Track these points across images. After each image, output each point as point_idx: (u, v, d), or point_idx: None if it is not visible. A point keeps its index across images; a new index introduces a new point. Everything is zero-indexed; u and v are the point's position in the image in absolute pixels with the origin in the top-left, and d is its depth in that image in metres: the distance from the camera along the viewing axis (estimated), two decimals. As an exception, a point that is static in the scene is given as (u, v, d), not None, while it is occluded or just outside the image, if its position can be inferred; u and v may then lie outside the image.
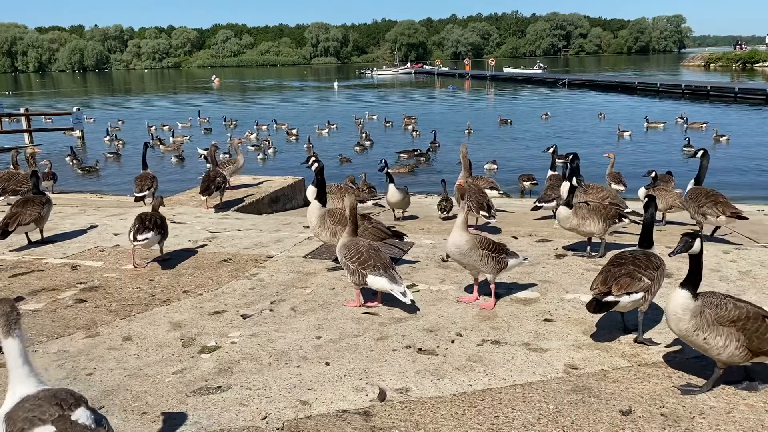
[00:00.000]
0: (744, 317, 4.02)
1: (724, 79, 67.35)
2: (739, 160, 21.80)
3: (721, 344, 4.02)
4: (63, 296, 6.27)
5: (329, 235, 6.83)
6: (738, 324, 4.01)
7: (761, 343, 3.99)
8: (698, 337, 4.07)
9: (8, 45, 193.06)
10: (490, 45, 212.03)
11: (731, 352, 4.02)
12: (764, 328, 4.01)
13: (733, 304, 4.08)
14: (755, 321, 4.01)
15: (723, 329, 4.01)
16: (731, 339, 4.00)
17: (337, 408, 4.06)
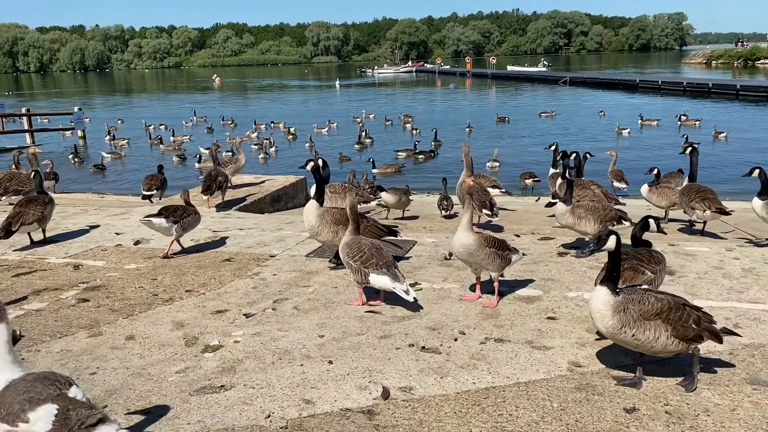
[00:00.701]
0: (667, 308, 4.09)
1: (725, 76, 67.25)
2: (738, 157, 21.77)
3: (651, 338, 4.08)
4: (66, 296, 6.27)
5: (331, 235, 6.81)
6: (662, 316, 4.08)
7: (686, 330, 4.09)
8: (626, 335, 4.11)
9: (9, 45, 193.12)
10: (491, 43, 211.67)
11: (663, 343, 4.09)
12: (686, 316, 4.11)
13: (655, 297, 4.15)
14: (677, 310, 4.11)
15: (649, 323, 4.07)
16: (660, 331, 4.06)
17: (340, 407, 4.06)
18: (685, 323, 4.10)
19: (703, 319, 4.18)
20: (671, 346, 4.12)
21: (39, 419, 2.81)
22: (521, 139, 28.64)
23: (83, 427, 2.78)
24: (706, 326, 4.16)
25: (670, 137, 26.60)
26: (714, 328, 4.19)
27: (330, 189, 9.32)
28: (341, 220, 6.74)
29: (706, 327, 4.15)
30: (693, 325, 4.11)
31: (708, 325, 4.17)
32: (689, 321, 4.11)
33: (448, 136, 28.13)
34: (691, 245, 7.81)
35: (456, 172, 10.86)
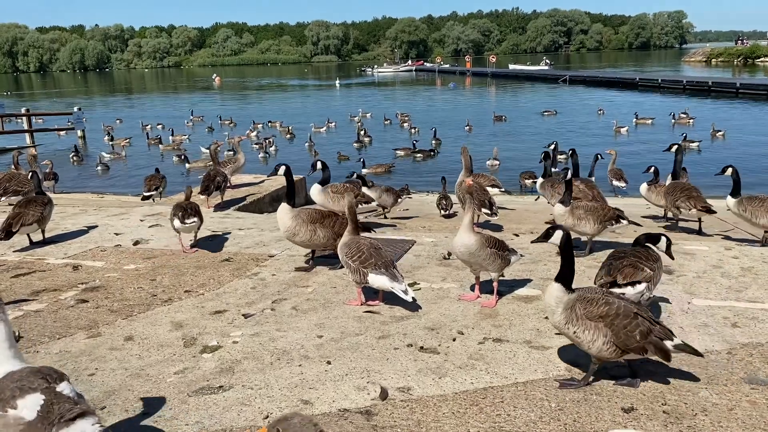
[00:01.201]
0: (613, 313, 4.07)
1: (725, 74, 67.22)
2: (736, 155, 21.77)
3: (589, 338, 4.09)
4: (65, 296, 6.27)
5: (309, 234, 6.74)
6: (606, 320, 4.06)
7: (628, 339, 4.03)
8: (569, 330, 4.18)
9: (9, 45, 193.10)
10: (491, 42, 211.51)
11: (599, 347, 4.09)
12: (633, 326, 4.04)
13: (605, 300, 4.14)
14: (625, 318, 4.06)
15: (591, 324, 4.09)
16: (598, 334, 4.06)
17: (338, 407, 4.06)
18: (630, 332, 4.03)
19: (656, 333, 4.07)
20: (605, 352, 4.09)
21: (26, 407, 2.91)
22: (521, 138, 28.63)
23: (63, 421, 2.88)
24: (653, 340, 4.04)
25: (665, 136, 26.64)
26: (661, 344, 4.05)
27: (331, 189, 9.31)
28: (317, 219, 6.74)
29: (653, 341, 4.04)
30: (637, 336, 4.03)
31: (655, 340, 4.05)
32: (635, 331, 4.03)
33: (448, 135, 28.12)
34: (690, 244, 7.81)
35: (455, 171, 10.86)
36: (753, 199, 8.02)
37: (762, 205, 7.90)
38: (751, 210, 7.96)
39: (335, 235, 6.71)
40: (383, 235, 8.64)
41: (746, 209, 8.01)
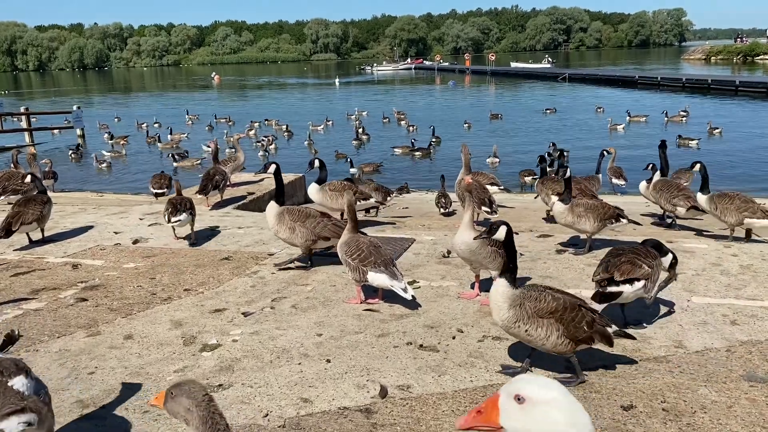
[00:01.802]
0: (561, 308, 4.15)
1: (725, 72, 67.19)
2: (733, 153, 21.80)
3: (542, 335, 4.14)
4: (64, 295, 6.28)
5: (287, 232, 6.80)
6: (556, 315, 4.13)
7: (577, 331, 4.13)
8: (520, 329, 4.20)
9: (8, 44, 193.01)
10: (491, 40, 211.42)
11: (554, 342, 4.15)
12: (580, 317, 4.15)
13: (552, 296, 4.22)
14: (572, 311, 4.15)
15: (543, 321, 4.14)
16: (551, 330, 4.12)
17: (338, 405, 4.07)
18: (578, 324, 4.13)
19: (598, 321, 4.21)
20: (561, 346, 4.17)
21: None
22: (520, 135, 28.65)
23: None
24: (598, 329, 4.19)
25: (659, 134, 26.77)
26: (606, 331, 4.21)
27: (329, 187, 9.30)
28: (299, 219, 6.77)
29: (597, 330, 4.18)
30: (585, 327, 4.15)
31: (600, 328, 4.19)
32: (582, 322, 4.14)
33: (447, 133, 28.11)
34: (689, 242, 7.81)
35: (454, 169, 10.85)
36: (723, 196, 8.08)
37: (732, 202, 7.96)
38: (720, 208, 8.02)
39: (315, 236, 6.75)
40: (382, 233, 8.64)
41: (716, 207, 8.07)
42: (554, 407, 1.66)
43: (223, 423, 2.56)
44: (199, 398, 2.57)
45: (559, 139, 22.90)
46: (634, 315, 5.36)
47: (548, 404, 1.66)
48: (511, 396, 1.69)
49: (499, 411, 1.72)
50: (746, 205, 7.85)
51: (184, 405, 2.58)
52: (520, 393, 1.67)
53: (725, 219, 8.04)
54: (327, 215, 7.02)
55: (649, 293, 5.06)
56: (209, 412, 2.54)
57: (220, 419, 2.55)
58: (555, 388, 1.69)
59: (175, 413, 2.63)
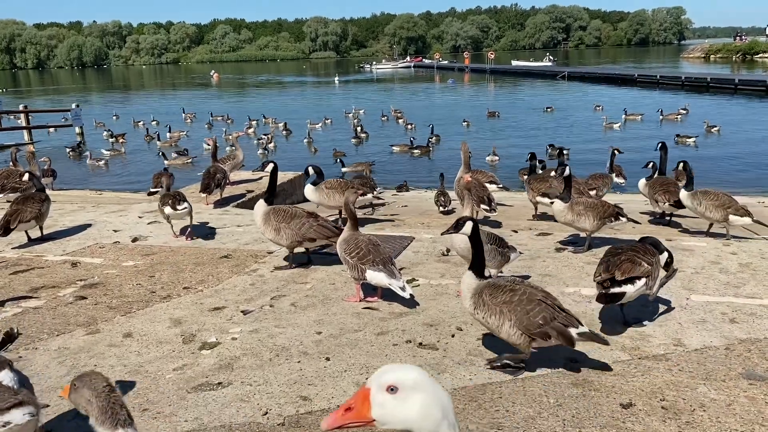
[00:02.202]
0: (517, 299, 4.23)
1: (724, 70, 67.18)
2: (731, 151, 21.82)
3: (496, 323, 4.28)
4: (63, 293, 6.27)
5: (273, 233, 6.79)
6: (510, 305, 4.23)
7: (530, 323, 4.18)
8: (478, 316, 4.38)
9: (6, 42, 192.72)
10: (490, 38, 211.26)
11: (507, 331, 4.26)
12: (536, 311, 4.20)
13: (510, 287, 4.32)
14: (528, 303, 4.22)
15: (496, 309, 4.26)
16: (504, 319, 4.23)
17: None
18: (532, 318, 4.19)
19: (560, 320, 4.20)
20: (514, 337, 4.26)
21: None
22: (518, 134, 28.66)
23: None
24: (556, 326, 4.18)
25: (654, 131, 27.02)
26: (565, 330, 4.17)
27: (325, 185, 9.29)
28: (285, 219, 6.73)
29: (555, 327, 4.17)
30: (539, 321, 4.18)
31: (558, 326, 4.18)
32: (537, 316, 4.19)
33: (446, 131, 28.10)
34: (689, 240, 7.82)
35: (453, 167, 10.85)
36: (707, 193, 8.21)
37: (717, 199, 8.11)
38: (705, 204, 8.16)
39: (301, 237, 6.71)
40: (382, 231, 8.65)
41: (701, 203, 8.21)
42: (423, 392, 1.70)
43: (124, 413, 2.58)
44: (100, 389, 2.58)
45: (556, 138, 22.94)
46: (633, 313, 5.36)
47: (418, 390, 1.70)
48: (383, 387, 1.70)
49: (370, 405, 1.72)
50: (730, 202, 7.99)
51: (85, 396, 2.60)
52: (394, 383, 1.69)
53: (709, 215, 8.16)
54: (314, 215, 6.93)
55: (651, 290, 5.07)
56: (109, 403, 2.56)
57: (121, 410, 2.57)
58: (420, 373, 1.73)
59: (78, 404, 2.65)
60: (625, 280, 4.90)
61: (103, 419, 2.54)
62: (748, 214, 7.98)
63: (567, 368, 4.47)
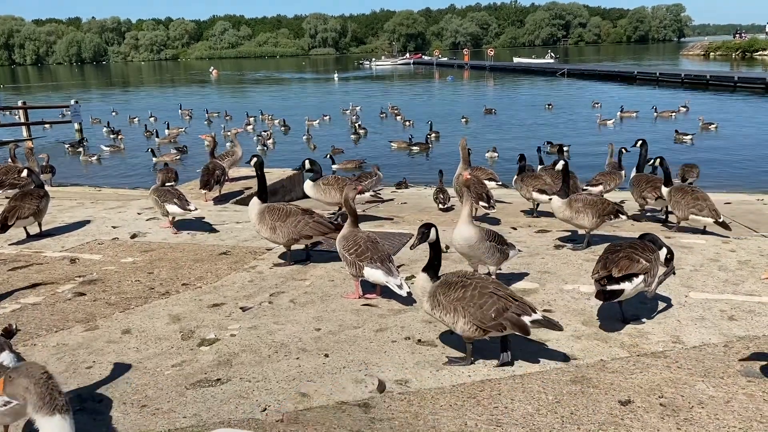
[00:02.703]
0: (469, 295, 4.33)
1: (723, 68, 67.17)
2: (728, 149, 21.87)
3: (451, 320, 4.38)
4: (62, 289, 6.27)
5: (269, 231, 6.76)
6: (463, 301, 4.33)
7: (484, 317, 4.27)
8: (436, 315, 4.49)
9: (5, 38, 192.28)
10: (489, 35, 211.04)
11: (462, 327, 4.35)
12: (489, 305, 4.29)
13: (462, 283, 4.41)
14: (480, 298, 4.32)
15: (450, 306, 4.36)
16: (458, 316, 4.33)
17: (336, 400, 4.07)
18: (485, 311, 4.27)
19: (513, 310, 4.28)
20: (469, 332, 4.34)
21: None
22: (516, 131, 28.71)
23: None
24: (510, 317, 4.26)
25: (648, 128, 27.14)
26: (519, 320, 4.25)
27: (322, 182, 9.28)
28: (280, 217, 6.70)
29: (509, 317, 4.26)
30: (492, 314, 4.26)
31: (512, 316, 4.25)
32: (490, 310, 4.27)
33: (445, 128, 28.11)
34: (687, 238, 7.82)
35: (452, 164, 10.84)
36: (678, 190, 8.39)
37: (693, 194, 8.26)
38: (674, 200, 8.32)
39: (297, 234, 6.69)
40: (381, 228, 8.64)
41: (672, 198, 8.38)
42: None
43: (63, 400, 2.58)
44: (37, 376, 2.60)
45: (553, 136, 22.97)
46: (632, 310, 5.37)
47: None
48: None
49: None
50: (695, 202, 8.09)
51: (22, 385, 2.60)
52: None
53: (674, 211, 8.38)
54: (309, 212, 6.89)
55: (650, 287, 5.07)
56: (47, 389, 2.57)
57: (60, 396, 2.58)
58: None
59: (15, 395, 2.66)
60: (623, 277, 4.90)
61: (41, 405, 2.54)
62: (713, 215, 8.04)
63: (566, 365, 4.48)
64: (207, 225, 8.87)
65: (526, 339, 4.88)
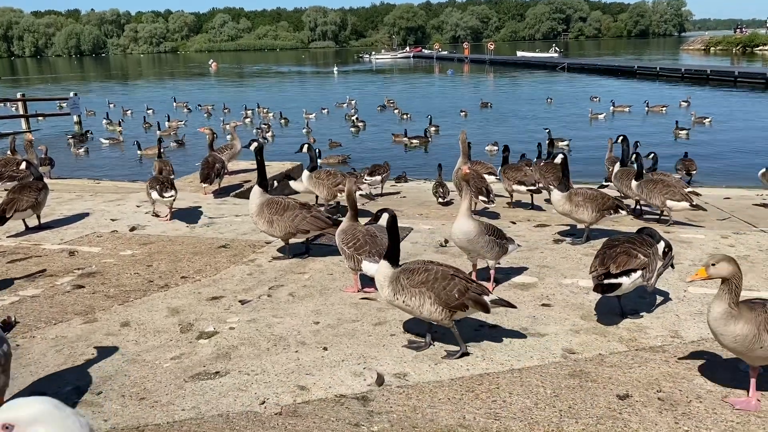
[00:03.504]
0: (432, 278, 4.44)
1: (724, 63, 67.05)
2: (726, 144, 21.87)
3: (417, 304, 4.45)
4: (61, 282, 6.26)
5: (266, 225, 6.78)
6: (427, 284, 4.43)
7: (448, 298, 4.39)
8: (398, 301, 4.52)
9: (4, 29, 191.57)
10: (490, 29, 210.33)
11: (429, 310, 4.43)
12: (452, 286, 4.42)
13: (424, 268, 4.54)
14: (443, 280, 4.44)
15: (415, 290, 4.44)
16: (424, 298, 4.41)
17: (335, 393, 4.07)
18: (449, 292, 4.40)
19: (473, 290, 4.46)
20: (436, 314, 4.44)
21: None
22: (514, 124, 28.75)
23: None
24: (472, 296, 4.44)
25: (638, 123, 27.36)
26: (480, 298, 4.45)
27: (315, 175, 9.28)
28: (278, 210, 6.70)
29: (471, 296, 4.43)
30: (456, 294, 4.40)
31: (474, 295, 4.44)
32: (454, 290, 4.41)
33: (444, 122, 28.06)
34: (687, 232, 7.82)
35: (451, 158, 10.83)
36: (648, 182, 8.77)
37: (663, 182, 8.70)
38: (646, 192, 8.65)
39: (294, 229, 6.68)
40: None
41: (643, 191, 8.71)
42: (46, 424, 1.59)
43: None
44: None
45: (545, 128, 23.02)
46: (631, 305, 5.37)
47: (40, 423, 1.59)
48: None
49: None
50: (667, 189, 8.46)
51: None
52: (8, 421, 1.58)
53: (650, 202, 8.68)
54: (307, 206, 6.88)
55: (649, 281, 5.06)
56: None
57: None
58: (45, 405, 1.61)
59: None
60: (620, 273, 4.90)
61: None
62: (686, 199, 8.43)
63: (564, 359, 4.48)
64: (206, 218, 8.86)
65: (525, 333, 4.90)
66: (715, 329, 3.81)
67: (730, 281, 3.76)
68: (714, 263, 3.79)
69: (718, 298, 3.78)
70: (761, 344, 3.69)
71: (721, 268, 3.77)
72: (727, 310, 3.74)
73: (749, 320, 3.71)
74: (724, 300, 3.76)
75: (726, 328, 3.74)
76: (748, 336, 3.69)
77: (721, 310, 3.75)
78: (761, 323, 3.70)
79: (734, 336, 3.72)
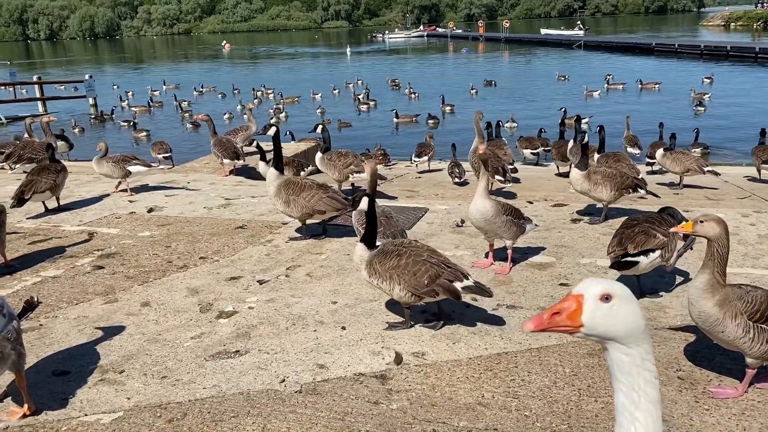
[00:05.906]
0: (403, 263, 4.47)
1: (744, 39, 65.72)
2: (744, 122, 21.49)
3: (388, 287, 4.53)
4: (81, 263, 6.34)
5: (283, 205, 6.80)
6: (398, 269, 4.47)
7: (418, 284, 4.42)
8: (373, 282, 4.64)
9: (19, 13, 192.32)
10: (504, 6, 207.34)
11: (398, 293, 4.50)
12: (422, 272, 4.43)
13: (397, 252, 4.56)
14: (414, 265, 4.45)
15: (386, 274, 4.51)
16: (393, 283, 4.48)
17: (354, 371, 4.10)
18: (419, 279, 4.41)
19: (445, 276, 4.42)
20: (405, 298, 4.50)
21: None
22: (528, 102, 28.61)
23: None
24: (442, 282, 4.41)
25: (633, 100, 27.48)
26: (450, 285, 4.40)
27: (326, 156, 9.25)
28: (294, 191, 6.70)
29: (441, 283, 4.41)
30: (425, 281, 4.40)
31: (444, 282, 4.41)
32: (423, 276, 4.41)
33: (458, 101, 27.86)
34: (706, 210, 7.73)
35: (467, 137, 10.76)
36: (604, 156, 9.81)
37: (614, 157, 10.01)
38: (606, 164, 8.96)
39: (310, 209, 6.69)
40: (396, 202, 8.63)
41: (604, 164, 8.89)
42: (633, 302, 1.70)
43: None
44: None
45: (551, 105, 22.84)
46: (650, 284, 5.34)
47: (629, 300, 1.69)
48: (597, 296, 1.68)
49: (581, 310, 1.70)
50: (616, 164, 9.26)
51: None
52: (609, 292, 1.68)
53: None
54: (324, 187, 6.87)
55: (668, 262, 5.01)
56: None
57: None
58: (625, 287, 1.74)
59: None
60: (638, 253, 4.84)
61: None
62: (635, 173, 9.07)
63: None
64: (223, 199, 8.90)
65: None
66: (689, 297, 3.74)
67: (712, 245, 3.67)
68: (703, 221, 3.68)
69: (704, 266, 3.69)
70: (722, 329, 3.60)
71: (708, 227, 3.66)
72: (710, 281, 3.64)
73: (721, 303, 3.60)
74: (708, 269, 3.66)
75: (697, 300, 3.66)
76: (711, 316, 3.61)
77: (704, 280, 3.66)
78: (728, 310, 3.58)
79: (699, 311, 3.66)
